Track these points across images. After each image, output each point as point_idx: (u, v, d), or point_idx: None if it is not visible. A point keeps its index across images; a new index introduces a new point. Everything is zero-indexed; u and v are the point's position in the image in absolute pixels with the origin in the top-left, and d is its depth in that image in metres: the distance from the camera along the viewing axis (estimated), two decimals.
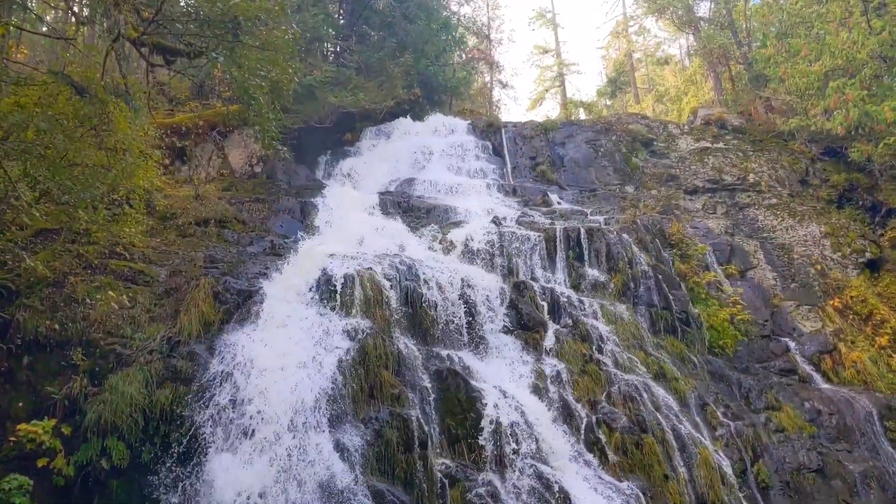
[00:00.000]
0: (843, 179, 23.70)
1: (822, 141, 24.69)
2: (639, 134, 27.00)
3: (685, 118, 33.25)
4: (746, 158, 24.97)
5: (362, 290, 13.51)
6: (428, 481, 11.16)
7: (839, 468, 14.94)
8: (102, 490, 10.30)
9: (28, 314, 11.51)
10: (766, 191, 23.66)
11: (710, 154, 25.42)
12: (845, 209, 23.05)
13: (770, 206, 23.05)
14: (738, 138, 26.58)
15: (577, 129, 27.94)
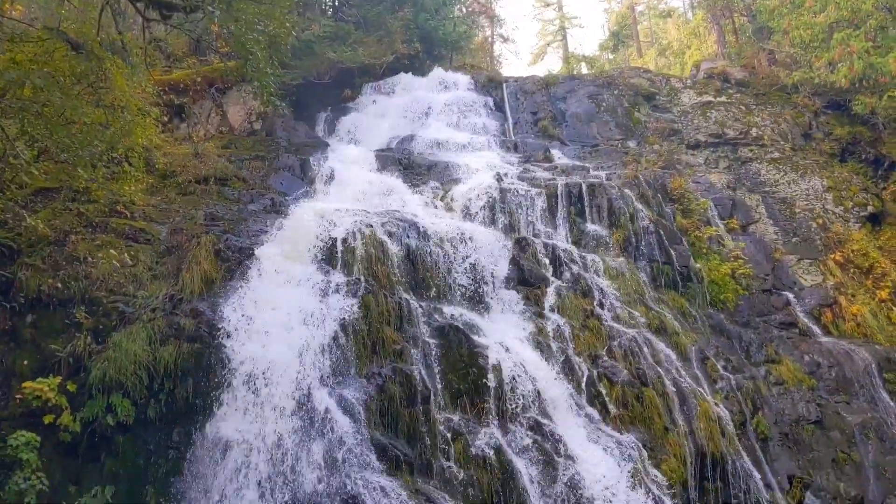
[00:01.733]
0: (847, 133, 23.51)
1: (825, 94, 24.43)
2: (641, 88, 26.74)
3: (688, 72, 32.92)
4: (749, 112, 24.76)
5: (364, 247, 13.51)
6: (431, 435, 11.29)
7: (838, 419, 15.10)
8: (109, 446, 10.42)
9: (30, 273, 11.53)
10: (768, 145, 23.50)
11: (712, 108, 25.20)
12: (848, 163, 22.92)
13: (772, 160, 22.91)
14: (741, 92, 26.31)
15: (578, 83, 27.65)
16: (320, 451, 10.45)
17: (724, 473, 12.97)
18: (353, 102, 26.38)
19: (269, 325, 11.77)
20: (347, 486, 10.02)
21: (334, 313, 12.20)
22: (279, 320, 11.90)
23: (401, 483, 10.41)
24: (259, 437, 10.36)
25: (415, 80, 27.31)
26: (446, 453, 11.33)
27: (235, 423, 10.53)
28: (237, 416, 10.58)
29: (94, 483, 10.11)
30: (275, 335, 11.64)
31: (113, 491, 10.01)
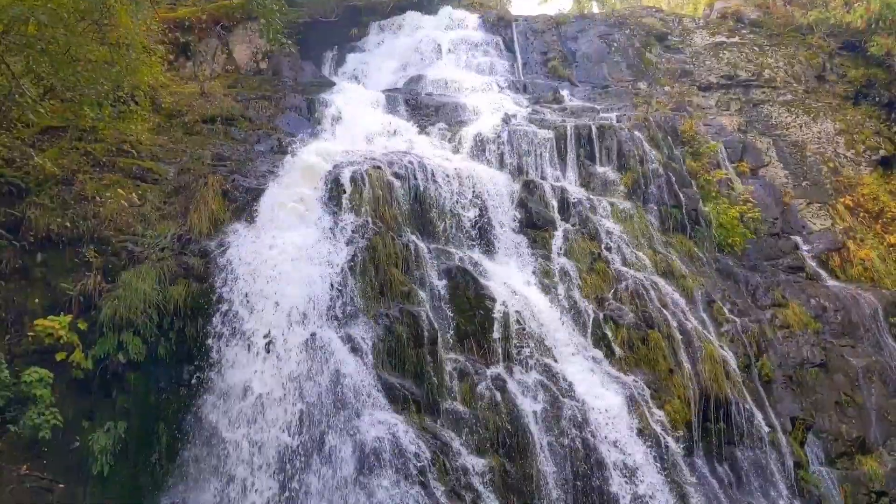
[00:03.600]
0: (861, 75, 23.12)
1: (840, 35, 23.94)
2: (653, 28, 26.24)
3: (701, 11, 32.16)
4: (762, 53, 24.32)
5: (371, 188, 13.45)
6: (438, 375, 11.41)
7: (842, 363, 15.22)
8: (121, 383, 10.60)
9: (39, 212, 11.56)
10: (781, 87, 23.15)
11: (725, 49, 24.75)
12: (861, 106, 22.60)
13: (785, 102, 22.60)
14: (754, 32, 25.77)
15: (589, 23, 27.13)
16: (327, 390, 10.57)
17: (727, 415, 13.12)
18: (360, 41, 25.97)
19: (277, 266, 11.80)
20: (356, 423, 10.18)
21: (342, 255, 12.21)
22: (286, 261, 11.93)
23: (408, 420, 10.58)
24: (266, 375, 10.48)
25: (423, 19, 26.80)
26: (453, 393, 11.47)
27: (243, 363, 10.64)
28: (245, 354, 10.69)
29: (107, 419, 10.32)
30: (282, 276, 11.68)
31: (126, 426, 10.21)
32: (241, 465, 9.89)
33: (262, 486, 9.76)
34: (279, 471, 9.86)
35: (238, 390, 10.40)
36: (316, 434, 10.19)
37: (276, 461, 9.91)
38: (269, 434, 10.11)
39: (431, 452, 10.32)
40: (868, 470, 14.18)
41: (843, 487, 13.99)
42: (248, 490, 9.77)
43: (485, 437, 11.05)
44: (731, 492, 12.59)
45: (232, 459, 9.91)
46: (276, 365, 10.65)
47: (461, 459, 10.58)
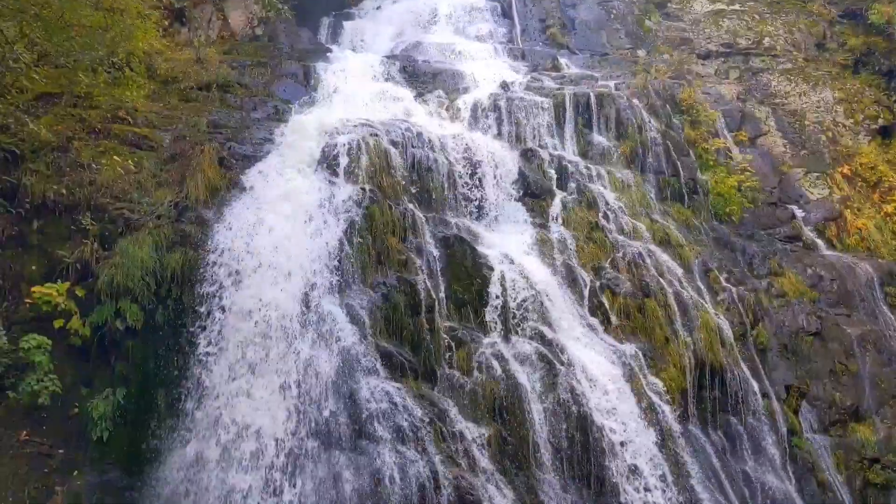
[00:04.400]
0: (861, 43, 22.92)
1: (841, 2, 23.73)
2: None
3: None
4: (763, 21, 24.11)
5: (368, 156, 13.39)
6: (435, 343, 11.47)
7: (837, 331, 15.31)
8: (119, 350, 10.63)
9: (34, 179, 11.51)
10: (780, 55, 22.98)
11: (725, 16, 24.53)
12: (861, 74, 22.45)
13: (784, 71, 22.44)
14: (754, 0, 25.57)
15: None
16: (326, 358, 10.61)
17: (722, 383, 13.23)
18: (357, 7, 25.71)
19: (274, 234, 11.79)
20: (353, 389, 10.24)
21: (339, 223, 12.19)
22: (284, 230, 11.91)
23: (405, 388, 10.65)
24: (265, 343, 10.51)
25: None
26: (450, 361, 11.54)
27: (241, 328, 10.66)
28: (244, 322, 10.70)
29: (105, 385, 10.37)
30: (280, 244, 11.67)
31: (124, 393, 10.26)
32: (241, 431, 9.93)
33: (263, 451, 9.81)
34: (278, 438, 9.90)
35: (236, 359, 10.41)
36: (314, 401, 10.23)
37: (275, 429, 9.95)
38: (269, 401, 10.15)
39: (428, 419, 10.40)
40: (861, 437, 14.33)
41: (836, 454, 14.14)
42: (247, 454, 9.82)
43: (481, 404, 11.14)
44: (724, 458, 12.73)
45: (231, 426, 9.94)
46: (274, 334, 10.66)
47: (458, 426, 10.67)
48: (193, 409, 10.21)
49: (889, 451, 14.31)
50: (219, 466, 9.71)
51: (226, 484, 9.58)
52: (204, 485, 9.60)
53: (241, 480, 9.63)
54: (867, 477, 13.99)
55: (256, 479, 9.64)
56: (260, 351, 10.45)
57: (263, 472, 9.67)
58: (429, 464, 9.92)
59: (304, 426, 10.05)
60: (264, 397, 10.21)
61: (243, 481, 9.61)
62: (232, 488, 9.55)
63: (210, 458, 9.80)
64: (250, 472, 9.68)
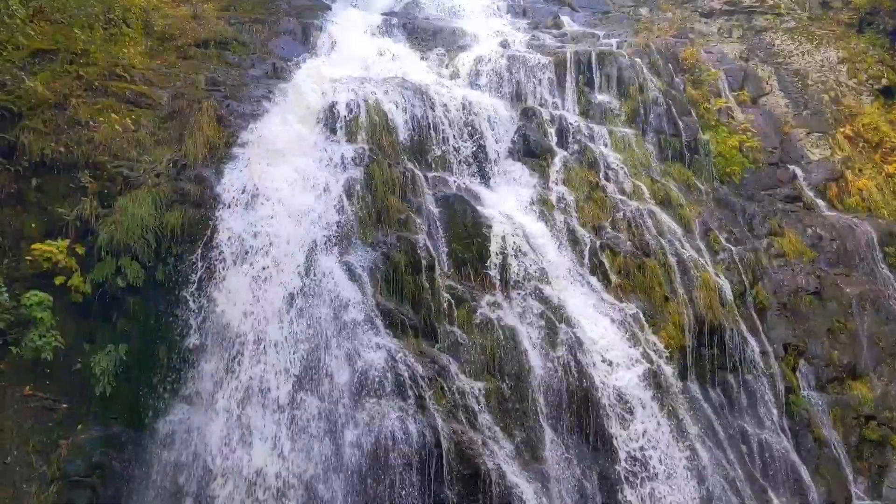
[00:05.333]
0: (866, 2, 22.55)
1: None
2: None
3: None
4: None
5: (367, 115, 13.31)
6: (435, 302, 11.50)
7: (836, 291, 15.38)
8: (120, 307, 10.66)
9: (32, 136, 11.45)
10: (784, 13, 22.70)
11: None
12: (865, 34, 22.19)
13: (788, 29, 22.20)
14: None
15: None
16: (327, 316, 10.64)
17: (720, 341, 13.33)
18: None
19: (273, 192, 11.75)
20: (354, 347, 10.30)
21: (339, 182, 12.16)
22: (283, 188, 11.88)
23: (406, 345, 10.71)
24: (266, 298, 10.53)
25: None
26: (450, 319, 11.58)
27: (242, 287, 10.67)
28: (244, 280, 10.71)
29: (107, 342, 10.40)
30: (279, 203, 11.64)
31: (126, 349, 10.30)
32: (241, 392, 9.98)
33: (263, 410, 9.88)
34: (280, 395, 9.97)
35: (235, 319, 10.43)
36: (315, 358, 10.29)
37: (275, 386, 10.01)
38: (270, 362, 10.20)
39: (429, 376, 10.48)
40: (858, 394, 14.47)
41: (833, 411, 14.29)
42: (247, 414, 9.88)
43: (482, 361, 11.22)
44: (722, 415, 12.87)
45: (230, 389, 10.00)
46: (273, 292, 10.68)
47: (458, 382, 10.76)
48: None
49: (885, 408, 14.47)
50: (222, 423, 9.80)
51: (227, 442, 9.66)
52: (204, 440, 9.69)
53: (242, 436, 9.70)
54: (863, 433, 14.17)
55: (256, 436, 9.70)
56: (259, 304, 10.45)
57: (263, 428, 9.74)
58: (429, 420, 10.01)
59: (304, 384, 10.10)
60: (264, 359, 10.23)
61: (244, 437, 9.68)
62: (232, 445, 9.62)
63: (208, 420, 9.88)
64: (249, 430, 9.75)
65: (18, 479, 9.36)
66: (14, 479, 9.34)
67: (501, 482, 9.93)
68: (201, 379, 10.07)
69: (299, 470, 9.57)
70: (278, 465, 9.57)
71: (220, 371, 10.05)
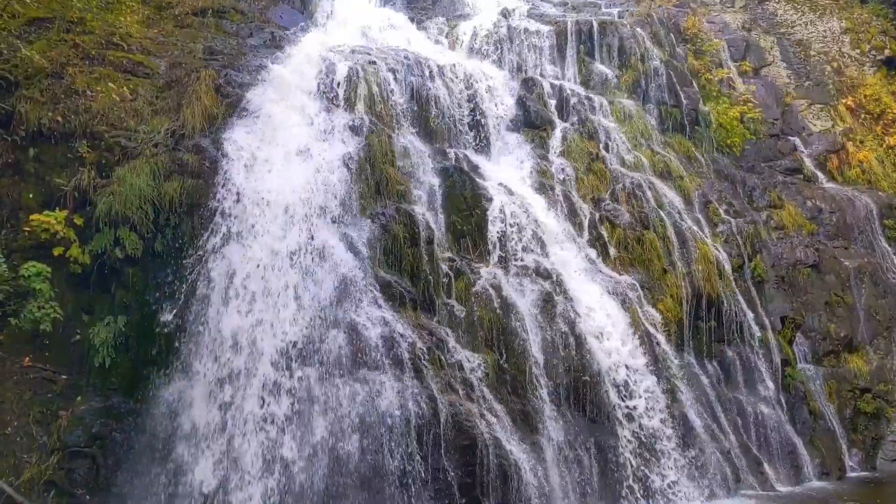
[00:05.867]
0: None
1: None
2: None
3: None
4: None
5: (366, 85, 13.22)
6: (434, 274, 11.50)
7: (834, 264, 15.41)
8: (119, 278, 10.65)
9: (29, 106, 11.35)
10: None
11: None
12: (869, 4, 21.97)
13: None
14: None
15: None
16: (326, 288, 10.65)
17: (718, 314, 13.39)
18: None
19: (272, 163, 11.69)
20: (353, 319, 10.32)
21: (338, 152, 12.09)
22: (282, 158, 11.81)
23: (404, 317, 10.73)
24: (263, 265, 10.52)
25: None
26: (448, 291, 11.60)
27: (239, 255, 10.64)
28: (241, 249, 10.69)
29: (106, 313, 10.41)
30: (278, 173, 11.59)
31: (125, 320, 10.32)
32: (240, 359, 10.01)
33: (262, 377, 9.91)
34: (279, 366, 10.00)
35: (235, 290, 10.42)
36: (315, 330, 10.30)
37: (275, 356, 10.04)
38: (269, 332, 10.22)
39: (427, 348, 10.51)
40: (853, 367, 14.57)
41: (829, 384, 14.40)
42: (247, 383, 9.92)
43: (479, 334, 11.25)
44: (718, 387, 12.95)
45: (230, 356, 10.01)
46: (272, 262, 10.66)
47: (456, 355, 10.80)
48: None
49: (880, 380, 14.58)
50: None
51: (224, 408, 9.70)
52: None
53: (240, 408, 9.74)
54: (858, 406, 14.29)
55: (251, 403, 9.73)
56: (259, 281, 10.44)
57: (259, 397, 9.78)
58: (427, 392, 10.06)
59: (303, 355, 10.13)
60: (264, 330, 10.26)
61: (242, 408, 9.73)
62: (230, 413, 9.67)
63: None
64: (247, 400, 9.78)
65: (19, 449, 9.43)
66: (14, 449, 9.41)
67: (498, 453, 10.01)
68: (199, 350, 10.08)
69: (298, 442, 9.62)
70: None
71: (218, 344, 10.05)
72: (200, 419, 9.62)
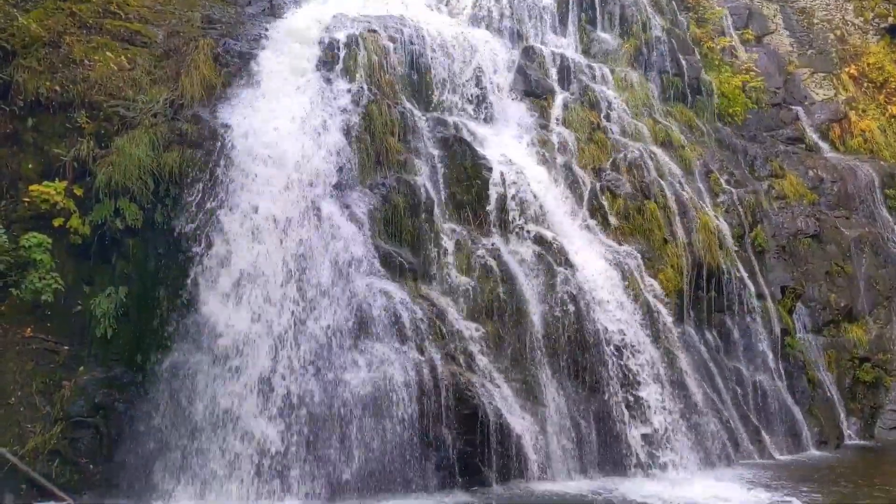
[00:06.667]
0: None
1: None
2: None
3: None
4: None
5: (366, 53, 13.09)
6: (434, 244, 11.51)
7: (835, 233, 15.41)
8: (119, 249, 10.64)
9: (27, 75, 11.27)
10: None
11: None
12: None
13: None
14: None
15: None
16: (326, 258, 10.64)
17: (718, 284, 13.41)
18: None
19: (271, 132, 11.63)
20: (353, 289, 10.33)
21: (337, 122, 12.02)
22: (281, 128, 11.74)
23: (404, 288, 10.75)
24: (263, 241, 10.50)
25: None
26: (449, 262, 11.60)
27: (238, 233, 10.61)
28: (240, 221, 10.66)
29: (107, 284, 10.41)
30: (277, 143, 11.52)
31: (126, 291, 10.33)
32: (240, 334, 10.01)
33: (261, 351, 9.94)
34: (278, 337, 10.03)
35: (235, 259, 10.41)
36: (314, 300, 10.32)
37: (275, 327, 10.06)
38: (269, 301, 10.23)
39: (428, 319, 10.54)
40: (853, 337, 14.63)
41: (828, 353, 14.48)
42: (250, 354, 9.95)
43: (480, 304, 11.28)
44: (718, 357, 13.02)
45: (231, 330, 10.03)
46: (272, 234, 10.65)
47: (457, 325, 10.84)
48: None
49: (879, 350, 14.66)
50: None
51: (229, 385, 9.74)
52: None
53: (241, 381, 9.78)
54: (857, 375, 14.39)
55: (254, 376, 9.77)
56: (259, 247, 10.43)
57: (261, 370, 9.83)
58: (428, 362, 10.11)
59: (302, 326, 10.15)
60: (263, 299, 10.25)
61: (243, 381, 9.77)
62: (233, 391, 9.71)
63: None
64: (247, 371, 9.82)
65: (23, 419, 9.49)
66: (18, 419, 9.47)
67: (499, 422, 10.08)
68: (201, 319, 10.10)
69: (301, 411, 9.67)
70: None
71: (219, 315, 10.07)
72: (203, 389, 9.66)
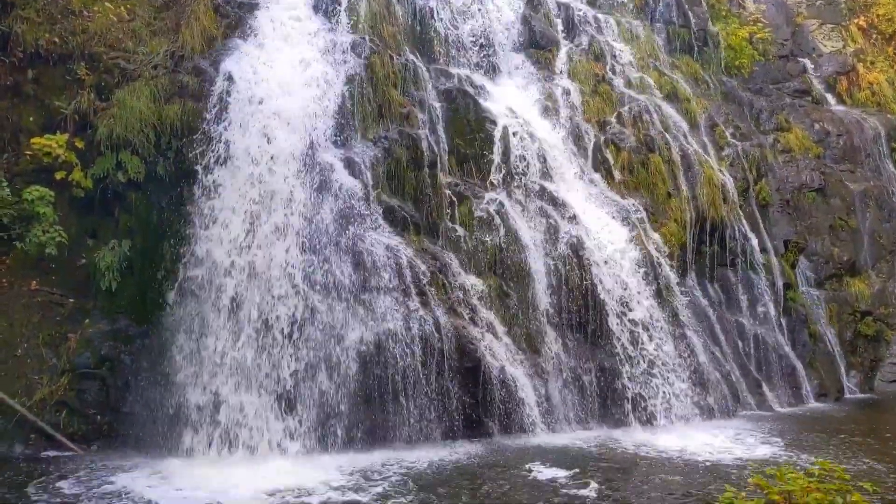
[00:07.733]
0: None
1: None
2: None
3: None
4: None
5: (368, 3, 12.92)
6: (437, 198, 11.49)
7: (840, 187, 15.33)
8: (122, 202, 10.63)
9: (26, 26, 11.12)
10: None
11: None
12: None
13: None
14: None
15: None
16: (328, 211, 10.61)
17: (722, 238, 13.40)
18: None
19: (273, 84, 11.50)
20: (356, 243, 10.33)
21: (339, 74, 11.89)
22: (283, 80, 11.61)
23: (408, 241, 10.75)
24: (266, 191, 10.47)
25: None
26: (452, 216, 11.59)
27: (239, 185, 10.55)
28: (243, 174, 10.61)
29: (110, 237, 10.42)
30: (279, 96, 11.41)
31: (130, 245, 10.33)
32: (240, 287, 10.02)
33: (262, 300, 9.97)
34: (283, 292, 10.05)
35: (236, 213, 10.38)
36: (318, 254, 10.31)
37: (280, 279, 10.08)
38: (272, 257, 10.23)
39: (430, 272, 10.56)
40: (855, 291, 14.66)
41: (830, 307, 14.52)
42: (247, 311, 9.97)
43: (483, 258, 11.29)
44: (720, 310, 13.07)
45: (233, 283, 10.03)
46: (274, 181, 10.59)
47: (460, 279, 10.87)
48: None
49: (881, 304, 14.69)
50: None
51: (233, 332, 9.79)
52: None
53: (243, 334, 9.83)
54: (858, 329, 14.44)
55: (258, 325, 9.81)
56: (262, 202, 10.40)
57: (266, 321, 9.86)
58: (431, 315, 10.15)
59: (306, 278, 10.16)
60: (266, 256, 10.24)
61: (247, 332, 9.82)
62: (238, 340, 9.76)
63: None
64: (250, 325, 9.86)
65: (30, 370, 9.58)
66: (26, 371, 9.56)
67: (501, 375, 10.17)
68: (204, 274, 10.12)
69: (306, 362, 9.74)
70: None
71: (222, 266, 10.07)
72: (209, 340, 9.72)
